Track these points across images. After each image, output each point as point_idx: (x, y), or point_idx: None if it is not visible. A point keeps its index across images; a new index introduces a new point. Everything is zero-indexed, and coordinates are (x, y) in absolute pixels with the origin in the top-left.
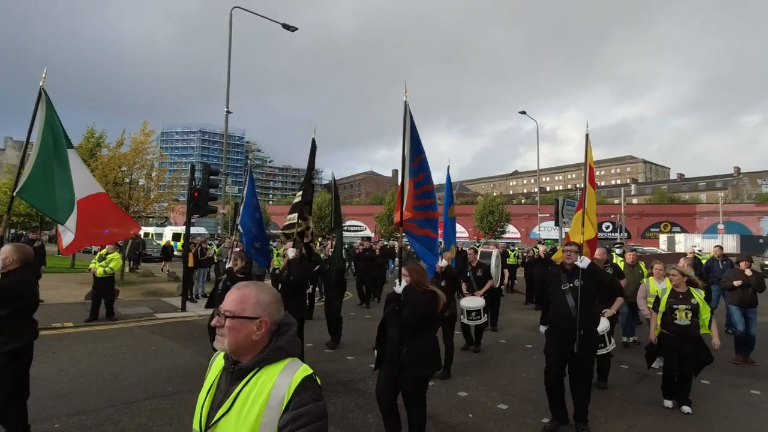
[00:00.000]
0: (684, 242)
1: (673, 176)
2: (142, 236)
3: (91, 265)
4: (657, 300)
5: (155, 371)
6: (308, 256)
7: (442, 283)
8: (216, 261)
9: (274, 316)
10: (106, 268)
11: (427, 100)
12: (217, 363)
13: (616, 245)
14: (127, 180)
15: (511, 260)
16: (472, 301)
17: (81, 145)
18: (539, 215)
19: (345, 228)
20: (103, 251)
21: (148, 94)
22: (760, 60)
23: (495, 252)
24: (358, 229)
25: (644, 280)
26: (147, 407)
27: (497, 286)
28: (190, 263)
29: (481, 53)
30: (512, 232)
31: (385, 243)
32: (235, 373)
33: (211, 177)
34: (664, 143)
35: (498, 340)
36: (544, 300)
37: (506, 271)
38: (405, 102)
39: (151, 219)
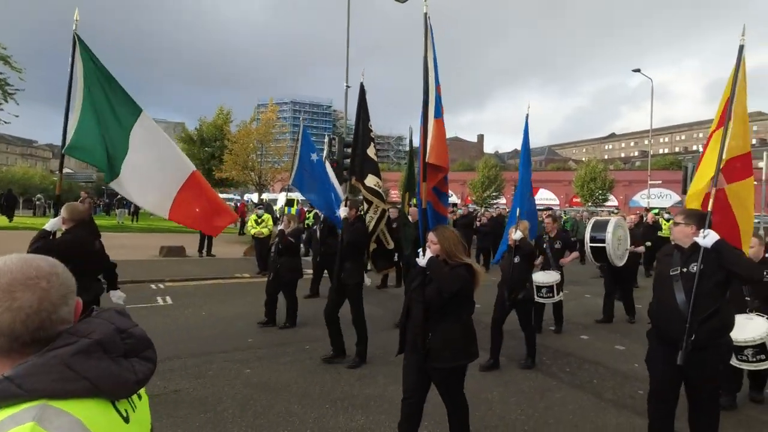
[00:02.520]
0: None
1: None
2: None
3: (253, 231)
4: None
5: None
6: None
7: (516, 259)
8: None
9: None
10: (264, 229)
11: (520, 59)
12: None
13: None
14: (259, 153)
15: (665, 232)
16: (545, 276)
17: (213, 122)
18: (649, 181)
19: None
20: (255, 216)
21: (245, 70)
22: None
23: (615, 219)
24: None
25: None
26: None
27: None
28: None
29: (577, 2)
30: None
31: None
32: None
33: (345, 149)
34: None
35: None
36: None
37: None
38: (425, 14)
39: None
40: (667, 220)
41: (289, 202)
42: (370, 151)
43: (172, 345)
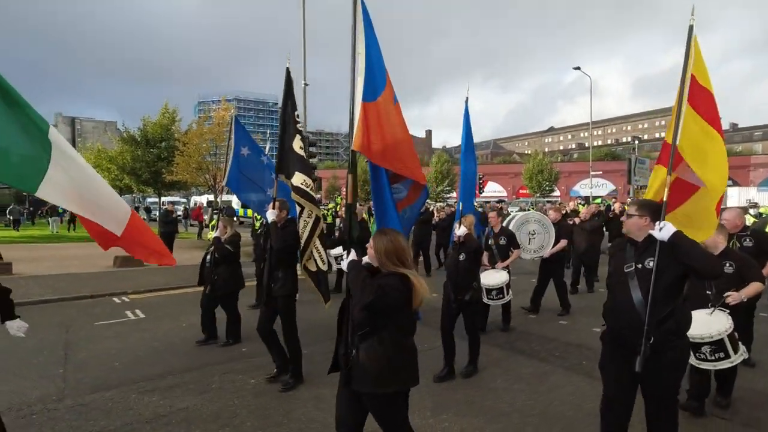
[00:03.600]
0: (737, 196)
1: (725, 127)
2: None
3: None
4: None
5: None
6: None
7: (461, 257)
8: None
9: None
10: None
11: (463, 56)
12: None
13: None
14: (213, 153)
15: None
16: (494, 278)
17: (158, 121)
18: (591, 172)
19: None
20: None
21: (179, 63)
22: None
23: (523, 213)
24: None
25: None
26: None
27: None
28: None
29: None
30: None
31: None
32: None
33: (311, 148)
34: (719, 91)
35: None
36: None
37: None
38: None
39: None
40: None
41: (245, 205)
42: (296, 145)
43: (162, 361)
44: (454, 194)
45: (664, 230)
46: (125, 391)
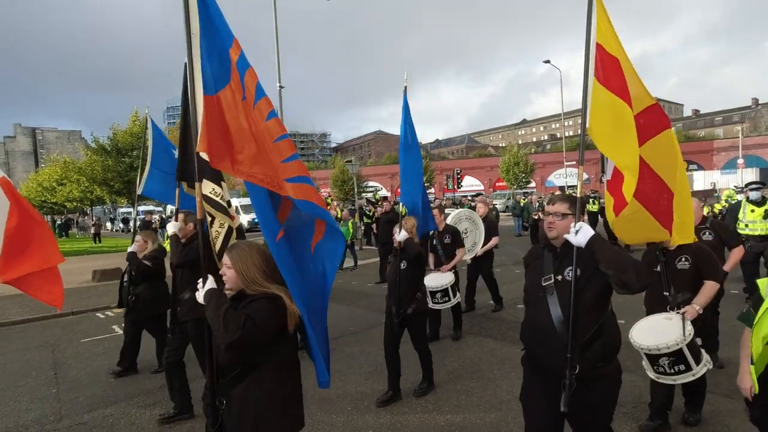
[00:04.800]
0: (703, 179)
1: (687, 113)
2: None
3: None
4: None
5: None
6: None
7: (402, 265)
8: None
9: None
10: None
11: (435, 50)
12: None
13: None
14: None
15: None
16: (437, 279)
17: (128, 130)
18: (566, 162)
19: (363, 189)
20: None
21: (141, 71)
22: None
23: (456, 211)
24: (376, 190)
25: None
26: None
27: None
28: None
29: None
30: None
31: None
32: None
33: None
34: (682, 78)
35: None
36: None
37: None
38: None
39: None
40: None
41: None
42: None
43: (160, 374)
44: (433, 190)
45: (580, 233)
46: (125, 406)
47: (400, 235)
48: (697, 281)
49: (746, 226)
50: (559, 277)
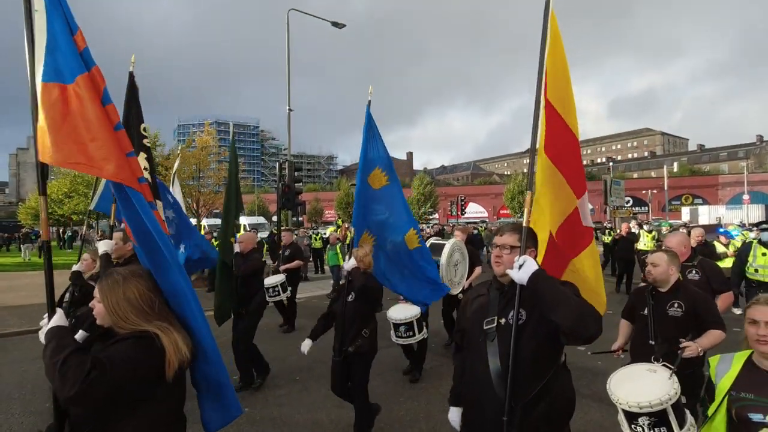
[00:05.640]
0: (708, 214)
1: (692, 147)
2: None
3: None
4: None
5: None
6: None
7: (349, 297)
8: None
9: None
10: None
11: (444, 80)
12: None
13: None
14: (199, 177)
15: (648, 245)
16: (402, 311)
17: None
18: None
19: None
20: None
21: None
22: None
23: (451, 243)
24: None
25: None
26: None
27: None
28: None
29: (499, 25)
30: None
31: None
32: None
33: (296, 173)
34: (688, 112)
35: None
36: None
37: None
38: None
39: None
40: (649, 231)
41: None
42: (141, 164)
43: None
44: (437, 216)
45: (523, 268)
46: None
47: (348, 264)
48: (686, 332)
49: (756, 270)
50: (503, 321)
